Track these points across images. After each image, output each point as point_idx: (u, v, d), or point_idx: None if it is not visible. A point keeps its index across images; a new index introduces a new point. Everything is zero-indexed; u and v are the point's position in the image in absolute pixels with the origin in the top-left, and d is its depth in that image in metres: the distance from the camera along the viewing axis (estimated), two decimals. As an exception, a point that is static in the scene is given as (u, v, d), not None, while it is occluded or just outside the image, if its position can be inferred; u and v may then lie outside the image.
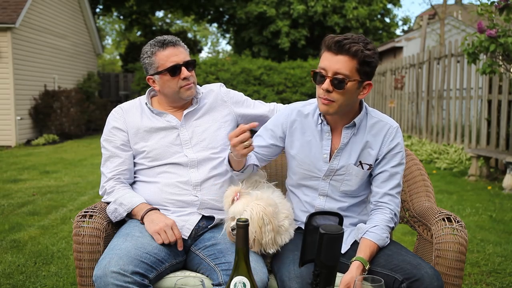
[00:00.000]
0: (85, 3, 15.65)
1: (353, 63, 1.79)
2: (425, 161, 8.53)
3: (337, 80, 1.80)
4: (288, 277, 1.76)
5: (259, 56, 18.98)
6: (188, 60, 2.13)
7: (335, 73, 1.80)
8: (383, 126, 1.98)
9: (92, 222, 1.96)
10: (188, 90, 2.14)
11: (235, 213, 1.86)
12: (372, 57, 1.81)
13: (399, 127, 2.01)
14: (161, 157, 2.14)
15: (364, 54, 1.78)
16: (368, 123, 1.98)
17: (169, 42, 2.11)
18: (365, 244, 1.84)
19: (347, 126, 1.95)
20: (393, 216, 1.95)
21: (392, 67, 12.39)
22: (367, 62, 1.80)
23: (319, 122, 2.00)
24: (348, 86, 1.81)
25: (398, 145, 1.98)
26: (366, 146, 1.97)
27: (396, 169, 1.97)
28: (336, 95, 1.82)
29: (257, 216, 1.81)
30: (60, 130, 12.61)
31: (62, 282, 3.25)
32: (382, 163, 1.97)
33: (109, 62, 37.68)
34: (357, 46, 1.78)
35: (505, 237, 4.23)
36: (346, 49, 1.78)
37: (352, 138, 1.97)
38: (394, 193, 1.97)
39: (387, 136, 1.97)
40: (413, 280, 1.69)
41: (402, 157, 1.99)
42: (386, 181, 1.97)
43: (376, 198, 1.98)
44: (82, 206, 5.30)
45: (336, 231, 1.52)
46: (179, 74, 2.10)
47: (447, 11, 15.71)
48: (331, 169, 1.99)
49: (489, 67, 5.56)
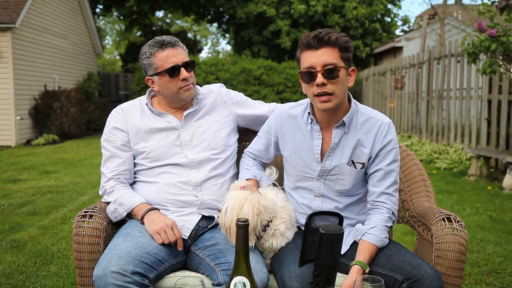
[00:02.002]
0: (85, 3, 15.66)
1: (335, 51, 1.84)
2: (425, 161, 8.53)
3: (329, 70, 1.82)
4: (289, 276, 1.76)
5: (259, 56, 18.97)
6: (187, 61, 2.12)
7: (324, 65, 1.82)
8: (375, 123, 1.95)
9: (92, 222, 1.96)
10: (187, 91, 2.14)
11: (225, 198, 1.91)
12: (350, 42, 1.89)
13: (391, 122, 1.98)
14: (161, 157, 2.14)
15: (342, 40, 1.84)
16: (359, 120, 1.96)
17: (168, 43, 2.10)
18: (364, 246, 1.83)
19: (337, 125, 1.95)
20: (391, 215, 1.94)
21: (392, 67, 12.39)
22: (346, 48, 1.86)
23: (309, 122, 2.00)
24: (340, 74, 1.85)
25: (391, 142, 1.95)
26: (358, 145, 1.95)
27: (391, 166, 1.95)
28: (331, 86, 1.84)
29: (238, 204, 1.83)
30: (60, 130, 12.61)
31: (62, 282, 3.25)
32: (376, 161, 1.95)
33: (109, 62, 37.69)
34: (334, 34, 1.84)
35: (505, 237, 4.23)
36: (326, 40, 1.82)
37: (344, 137, 1.96)
38: (391, 191, 1.95)
39: (379, 133, 1.94)
40: (414, 281, 1.69)
41: (396, 153, 1.97)
42: (382, 180, 1.95)
43: (373, 198, 1.96)
44: (82, 206, 5.30)
45: (336, 231, 1.52)
46: (178, 75, 2.10)
47: (447, 11, 15.71)
48: (324, 170, 1.99)
49: (489, 67, 5.55)
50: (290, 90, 15.55)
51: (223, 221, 1.85)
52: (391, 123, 1.98)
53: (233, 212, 1.82)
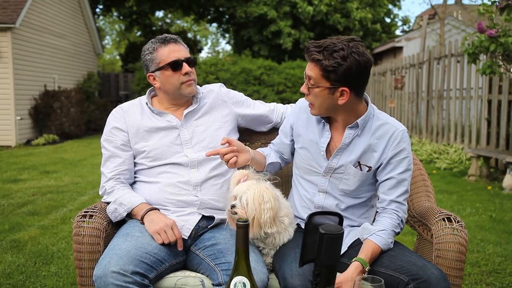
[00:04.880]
0: (85, 3, 15.65)
1: (316, 70, 1.82)
2: (425, 161, 8.53)
3: (309, 84, 1.87)
4: (290, 274, 1.76)
5: (259, 55, 18.96)
6: (189, 57, 2.15)
7: (308, 77, 1.87)
8: (389, 129, 1.94)
9: (92, 222, 1.96)
10: (189, 86, 2.15)
11: (238, 191, 1.88)
12: (334, 66, 1.77)
13: (406, 130, 1.95)
14: (162, 157, 2.14)
15: (323, 64, 1.78)
16: (373, 125, 1.95)
17: (170, 38, 2.15)
18: (369, 245, 1.83)
19: (350, 126, 1.94)
20: (400, 222, 1.94)
21: (392, 67, 12.39)
22: (328, 71, 1.78)
23: (321, 120, 2.01)
24: (316, 91, 1.85)
25: (404, 150, 1.92)
26: (369, 149, 1.94)
27: (404, 175, 1.93)
28: (311, 97, 1.89)
29: (258, 193, 1.84)
30: (60, 130, 12.61)
31: (62, 282, 3.25)
32: (388, 168, 1.93)
33: (109, 62, 37.66)
34: (317, 56, 1.79)
35: (505, 237, 4.23)
36: (309, 57, 1.83)
37: (356, 139, 1.95)
38: (402, 200, 1.94)
39: (392, 139, 1.92)
40: (420, 281, 1.68)
41: (409, 162, 1.94)
42: (393, 188, 1.93)
43: (383, 205, 1.95)
44: (82, 206, 5.30)
45: (336, 231, 1.52)
46: (180, 69, 2.11)
47: (447, 11, 15.71)
48: (330, 167, 1.99)
49: (488, 68, 5.55)
50: (290, 90, 15.55)
51: (246, 213, 1.84)
52: (405, 131, 1.95)
53: (255, 202, 1.83)
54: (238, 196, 1.87)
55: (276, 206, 1.87)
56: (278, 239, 1.95)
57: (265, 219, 1.85)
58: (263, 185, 1.89)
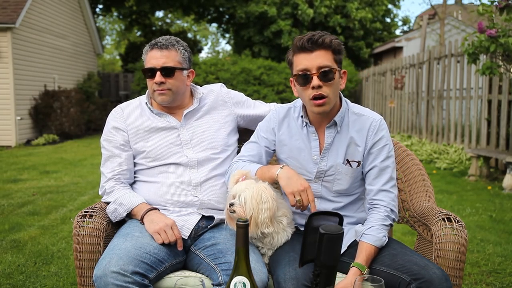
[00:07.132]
0: (85, 3, 15.65)
1: (329, 54, 1.85)
2: (425, 161, 8.53)
3: (325, 73, 1.83)
4: (284, 278, 1.76)
5: (259, 55, 18.96)
6: (166, 66, 2.09)
7: (319, 67, 1.83)
8: (366, 121, 1.97)
9: (92, 222, 1.96)
10: (159, 95, 2.13)
11: (236, 191, 1.88)
12: (342, 45, 1.90)
13: (382, 119, 1.99)
14: (161, 157, 2.14)
15: (336, 42, 1.87)
16: (350, 119, 1.97)
17: (157, 43, 2.11)
18: (362, 247, 1.84)
19: (328, 125, 1.96)
20: (389, 213, 1.93)
21: (392, 67, 12.38)
22: (338, 50, 1.88)
23: (304, 125, 2.00)
24: (336, 76, 1.86)
25: (383, 138, 1.96)
26: (351, 143, 1.96)
27: (385, 162, 1.95)
28: (326, 89, 1.85)
29: (256, 192, 1.84)
30: (60, 130, 12.61)
31: (62, 282, 3.25)
32: (370, 158, 1.96)
33: (109, 62, 37.65)
34: (328, 37, 1.85)
35: (505, 237, 4.23)
36: (320, 43, 1.83)
37: (337, 136, 1.97)
38: (388, 187, 1.95)
39: (371, 130, 1.95)
40: (422, 281, 1.67)
41: (390, 149, 1.97)
42: (378, 177, 1.95)
43: (371, 196, 1.97)
44: (82, 206, 5.30)
45: (336, 231, 1.52)
46: (153, 78, 2.11)
47: (447, 11, 15.71)
48: (320, 171, 1.99)
49: (488, 69, 5.55)
50: (290, 90, 15.51)
51: (244, 212, 1.85)
52: (382, 119, 1.99)
53: (254, 201, 1.83)
54: (236, 195, 1.88)
55: (274, 207, 1.88)
56: (276, 239, 1.95)
57: (263, 218, 1.86)
58: (262, 185, 1.89)
